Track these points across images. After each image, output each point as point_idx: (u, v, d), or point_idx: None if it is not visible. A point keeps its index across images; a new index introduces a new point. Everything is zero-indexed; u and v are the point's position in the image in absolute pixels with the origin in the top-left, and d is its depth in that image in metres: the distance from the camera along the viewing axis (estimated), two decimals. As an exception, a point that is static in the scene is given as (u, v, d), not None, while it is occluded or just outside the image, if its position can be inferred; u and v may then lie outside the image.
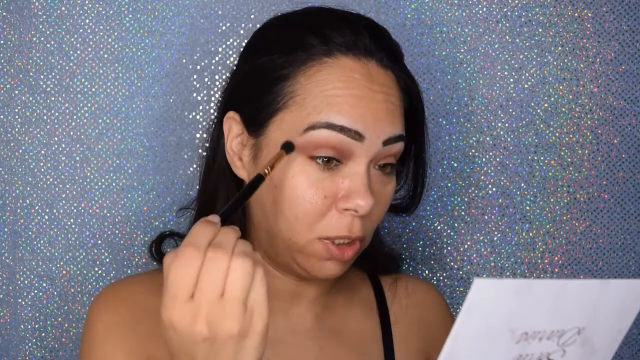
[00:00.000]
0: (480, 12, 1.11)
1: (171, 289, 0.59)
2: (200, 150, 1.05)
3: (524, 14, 1.11)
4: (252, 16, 1.06)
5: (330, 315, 0.88)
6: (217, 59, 1.07)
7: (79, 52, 1.05)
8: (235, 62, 0.91)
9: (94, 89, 1.06)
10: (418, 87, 0.83)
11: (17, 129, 1.05)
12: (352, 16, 0.82)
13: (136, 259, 1.07)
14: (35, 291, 1.06)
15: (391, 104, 0.77)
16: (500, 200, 1.13)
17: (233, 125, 0.81)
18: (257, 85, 0.80)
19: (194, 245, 0.60)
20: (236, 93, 0.84)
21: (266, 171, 0.70)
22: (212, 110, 1.06)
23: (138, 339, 0.79)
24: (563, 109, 1.13)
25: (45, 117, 1.05)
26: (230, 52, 1.06)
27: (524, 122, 1.12)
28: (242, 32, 1.06)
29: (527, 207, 1.13)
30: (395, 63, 0.80)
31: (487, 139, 1.12)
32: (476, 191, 1.13)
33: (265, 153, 0.78)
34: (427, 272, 1.13)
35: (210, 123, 0.88)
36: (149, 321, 0.80)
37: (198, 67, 1.07)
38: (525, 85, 1.12)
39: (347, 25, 0.78)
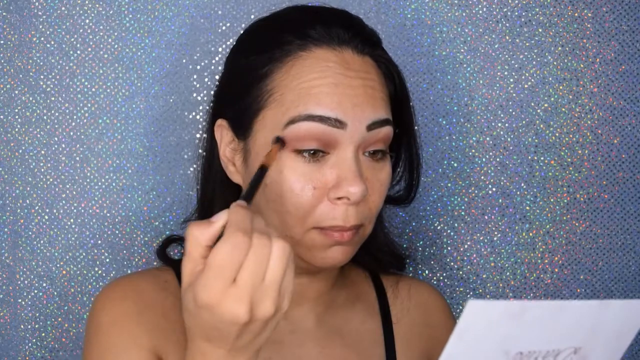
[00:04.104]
0: (480, 12, 1.11)
1: (216, 272, 0.59)
2: (200, 151, 1.06)
3: (524, 14, 1.11)
4: (252, 16, 1.06)
5: (332, 315, 0.88)
6: (217, 59, 1.07)
7: (79, 52, 1.05)
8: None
9: (94, 89, 1.06)
10: (400, 72, 0.84)
11: (17, 129, 1.05)
12: (326, 10, 0.83)
13: (136, 259, 1.07)
14: (35, 291, 1.06)
15: (370, 88, 0.77)
16: (500, 200, 1.13)
17: (224, 133, 0.83)
18: (238, 88, 0.81)
19: (243, 231, 0.60)
20: (221, 99, 0.85)
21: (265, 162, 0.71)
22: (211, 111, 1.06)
23: (143, 330, 0.79)
24: (563, 109, 1.13)
25: (45, 117, 1.05)
26: (230, 52, 1.06)
27: (524, 122, 1.12)
28: (242, 32, 1.06)
29: (527, 207, 1.13)
30: (373, 48, 0.80)
31: (487, 139, 1.12)
32: (476, 191, 1.13)
33: (253, 155, 0.79)
34: (427, 272, 1.13)
35: (203, 130, 0.89)
36: (153, 315, 0.80)
37: (198, 67, 1.07)
38: (525, 85, 1.12)
39: (320, 19, 0.79)
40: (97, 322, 0.80)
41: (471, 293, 1.14)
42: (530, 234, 1.14)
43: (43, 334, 1.06)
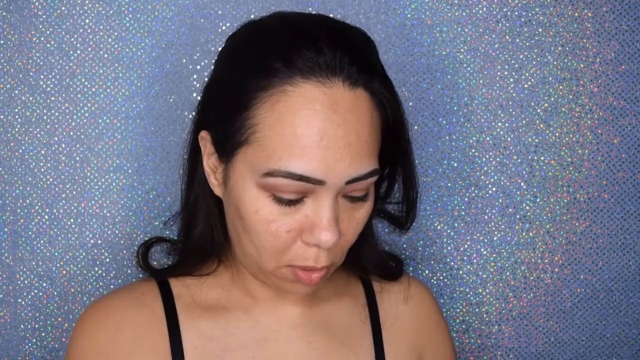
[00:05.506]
0: (480, 12, 1.11)
1: None
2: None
3: (524, 14, 1.11)
4: (252, 16, 1.06)
5: (318, 309, 0.88)
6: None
7: (79, 52, 1.05)
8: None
9: (94, 89, 1.06)
10: (398, 103, 0.79)
11: (17, 129, 1.05)
12: (316, 28, 0.75)
13: (136, 259, 1.07)
14: (35, 291, 1.06)
15: (356, 137, 0.73)
16: (500, 200, 1.13)
17: (207, 146, 0.81)
18: (223, 109, 0.78)
19: None
20: (206, 111, 0.82)
21: None
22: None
23: (118, 357, 0.81)
24: (563, 109, 1.13)
25: (45, 117, 1.05)
26: (230, 52, 1.06)
27: (524, 122, 1.12)
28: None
29: (527, 207, 1.13)
30: (368, 79, 0.74)
31: (487, 139, 1.12)
32: (476, 191, 1.13)
33: (232, 181, 0.77)
34: (427, 272, 1.13)
35: (188, 132, 0.87)
36: (128, 335, 0.82)
37: (198, 67, 1.07)
38: (525, 85, 1.12)
39: (310, 40, 0.73)
40: (69, 354, 0.83)
41: (471, 293, 1.14)
42: (530, 234, 1.14)
43: (43, 334, 1.06)
